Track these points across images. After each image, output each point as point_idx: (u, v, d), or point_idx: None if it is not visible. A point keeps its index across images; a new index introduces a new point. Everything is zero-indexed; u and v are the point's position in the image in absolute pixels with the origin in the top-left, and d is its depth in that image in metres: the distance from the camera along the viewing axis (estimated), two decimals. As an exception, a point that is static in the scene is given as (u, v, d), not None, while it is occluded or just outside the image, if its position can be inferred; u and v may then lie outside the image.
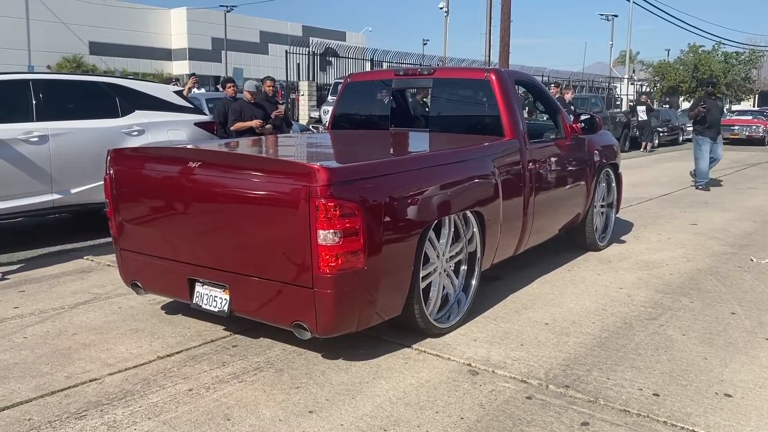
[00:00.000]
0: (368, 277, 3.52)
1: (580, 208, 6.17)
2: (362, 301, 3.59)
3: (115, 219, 4.34)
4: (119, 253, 4.41)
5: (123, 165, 4.27)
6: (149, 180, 4.12)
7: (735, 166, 15.82)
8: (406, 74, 6.25)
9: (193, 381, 3.46)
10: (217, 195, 3.76)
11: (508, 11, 19.68)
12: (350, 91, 6.32)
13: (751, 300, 4.97)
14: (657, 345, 4.03)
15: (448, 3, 39.21)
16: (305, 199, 3.33)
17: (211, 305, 3.90)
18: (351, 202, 3.37)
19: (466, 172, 4.41)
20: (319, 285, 3.40)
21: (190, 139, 7.74)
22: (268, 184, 3.54)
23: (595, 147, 6.33)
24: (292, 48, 22.52)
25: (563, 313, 4.61)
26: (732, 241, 7.06)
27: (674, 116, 26.46)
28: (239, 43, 55.89)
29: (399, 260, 3.73)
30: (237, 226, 3.68)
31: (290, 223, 3.42)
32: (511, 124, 5.13)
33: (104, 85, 7.38)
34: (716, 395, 3.36)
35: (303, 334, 3.57)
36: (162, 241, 4.11)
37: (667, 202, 9.86)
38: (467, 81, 5.82)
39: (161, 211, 4.09)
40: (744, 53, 47.75)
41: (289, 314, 3.58)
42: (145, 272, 4.28)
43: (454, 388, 3.41)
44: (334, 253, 3.33)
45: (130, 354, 3.83)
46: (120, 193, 4.26)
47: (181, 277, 4.01)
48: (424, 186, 3.95)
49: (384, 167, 3.93)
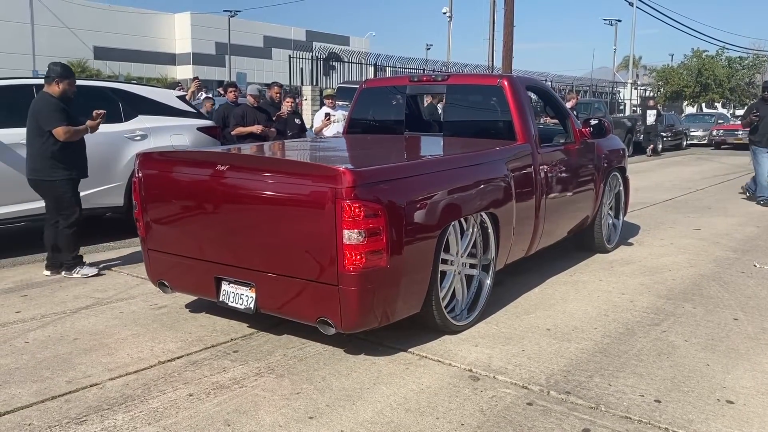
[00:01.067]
0: (390, 275, 3.66)
1: (589, 211, 6.28)
2: (384, 298, 3.73)
3: (143, 220, 4.46)
4: (147, 253, 4.53)
5: (151, 168, 4.41)
6: (177, 182, 4.28)
7: (739, 171, 15.76)
8: (421, 80, 6.38)
9: (194, 386, 3.46)
10: (244, 197, 3.90)
11: (512, 16, 19.71)
12: (365, 97, 6.46)
13: (753, 306, 4.95)
14: (659, 351, 4.02)
15: (451, 8, 39.26)
16: (331, 201, 3.47)
17: (237, 303, 4.03)
18: (375, 204, 3.52)
19: (481, 175, 4.56)
20: (344, 282, 3.54)
21: (192, 144, 7.77)
22: (295, 186, 3.68)
23: (603, 151, 6.45)
24: (295, 53, 22.54)
25: (565, 319, 4.60)
26: (735, 247, 7.04)
27: (678, 121, 26.43)
28: (243, 48, 56.04)
29: (419, 259, 3.87)
30: (264, 227, 3.82)
31: (316, 223, 3.56)
32: (523, 128, 5.27)
33: (107, 89, 7.42)
34: (718, 402, 3.34)
35: (328, 330, 3.71)
36: (189, 241, 4.24)
37: (670, 207, 9.83)
38: (480, 87, 6.00)
39: (189, 212, 4.23)
40: (748, 58, 47.70)
41: (314, 311, 3.72)
42: (172, 271, 4.41)
43: (455, 394, 3.40)
44: (359, 252, 3.48)
45: (131, 359, 3.84)
46: (148, 195, 4.39)
47: (208, 275, 4.14)
48: (442, 188, 4.10)
49: (405, 170, 4.10)
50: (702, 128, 26.78)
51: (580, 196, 6.05)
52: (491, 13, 28.39)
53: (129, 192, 7.20)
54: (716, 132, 25.27)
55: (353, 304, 3.60)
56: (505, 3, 19.87)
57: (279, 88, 9.48)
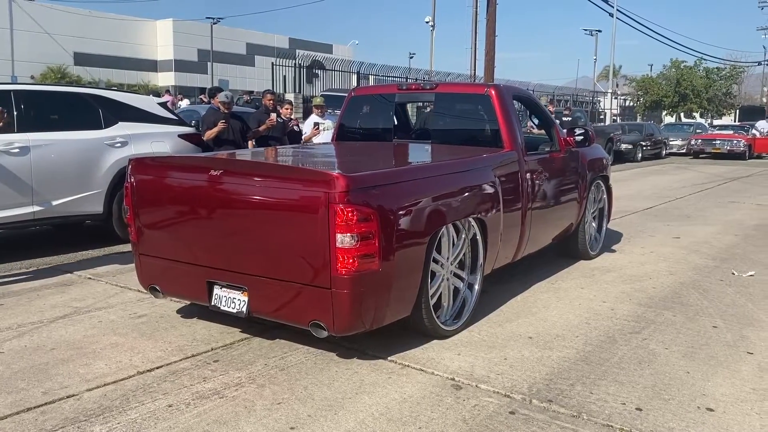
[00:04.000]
0: (382, 278, 3.71)
1: (573, 218, 6.38)
2: (376, 301, 3.78)
3: (134, 225, 4.47)
4: (138, 258, 4.53)
5: (144, 173, 4.42)
6: (170, 187, 4.31)
7: (717, 180, 16.00)
8: (409, 88, 6.44)
9: (173, 397, 3.41)
10: (237, 202, 3.95)
11: (493, 26, 19.87)
12: (354, 104, 6.54)
13: (732, 314, 5.00)
14: (640, 359, 4.04)
15: (434, 17, 39.49)
16: (325, 205, 3.53)
17: (229, 307, 4.04)
18: (367, 208, 3.58)
19: (470, 181, 4.64)
20: (337, 285, 3.59)
21: (173, 151, 7.70)
22: (288, 191, 3.74)
23: (587, 159, 6.56)
24: (278, 60, 22.51)
25: (547, 327, 4.61)
26: (714, 255, 7.11)
27: (657, 130, 26.76)
28: (225, 55, 55.84)
29: (410, 263, 3.93)
30: (257, 231, 3.86)
31: (309, 228, 3.61)
32: (510, 136, 5.37)
33: (87, 96, 7.33)
34: (698, 409, 3.36)
35: (320, 333, 3.75)
36: (182, 245, 4.26)
37: (650, 216, 9.93)
38: (468, 95, 6.10)
39: (182, 217, 4.26)
40: (725, 69, 48.55)
41: (306, 314, 3.76)
42: (163, 276, 4.42)
43: (437, 403, 3.38)
44: (351, 255, 3.54)
45: (110, 369, 3.77)
46: (140, 200, 4.41)
47: (200, 280, 4.15)
48: (433, 194, 4.18)
49: (397, 175, 4.21)
50: (681, 137, 27.13)
51: (564, 204, 6.13)
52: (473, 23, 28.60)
53: (109, 199, 7.13)
54: (695, 141, 25.63)
55: (345, 307, 3.64)
56: (487, 13, 20.03)
57: (272, 95, 9.47)
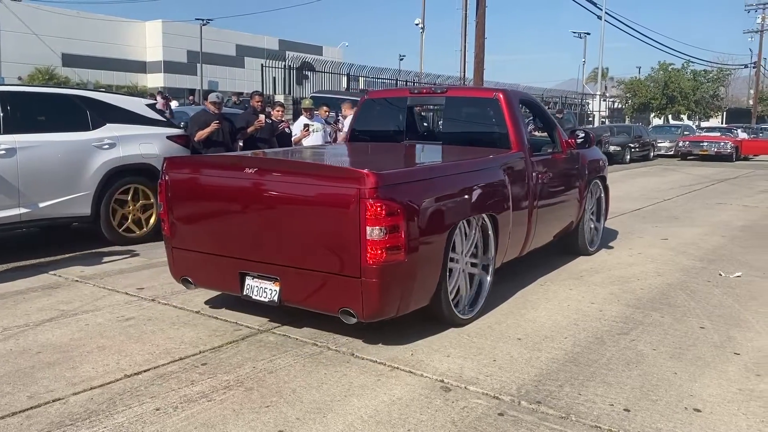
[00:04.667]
0: (407, 269, 3.98)
1: (574, 215, 6.70)
2: (402, 290, 4.05)
3: (168, 220, 4.71)
4: (171, 252, 4.79)
5: (178, 171, 4.69)
6: (204, 184, 4.61)
7: (705, 182, 16.12)
8: (421, 92, 6.86)
9: (161, 400, 3.39)
10: (271, 198, 4.21)
11: (483, 28, 19.91)
12: (368, 107, 6.89)
13: (719, 314, 5.03)
14: (628, 360, 4.05)
15: (423, 20, 39.56)
16: (356, 200, 3.80)
17: (261, 296, 4.30)
18: (394, 203, 3.85)
19: (484, 179, 4.95)
20: (366, 275, 3.85)
21: (162, 153, 7.66)
22: (321, 187, 4.03)
23: (586, 160, 6.91)
24: (268, 62, 22.46)
25: (536, 328, 4.62)
26: (701, 256, 7.16)
27: (645, 132, 26.92)
28: (215, 56, 55.69)
29: (431, 255, 4.20)
30: (290, 225, 4.11)
31: (341, 221, 3.88)
32: (517, 138, 5.68)
33: (74, 97, 7.28)
34: (686, 410, 3.38)
35: (349, 320, 4.01)
36: (215, 239, 4.51)
37: (638, 217, 9.99)
38: (477, 99, 6.47)
39: (215, 212, 4.53)
40: (712, 71, 48.92)
41: (337, 302, 4.03)
42: (196, 268, 4.67)
43: (426, 405, 3.38)
44: (380, 247, 3.81)
45: (96, 372, 3.74)
46: (174, 196, 4.66)
47: (232, 271, 4.41)
48: (451, 191, 4.51)
49: (420, 173, 4.55)
50: (669, 139, 27.32)
51: (566, 202, 6.47)
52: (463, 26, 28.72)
53: (97, 201, 7.08)
54: (682, 143, 25.83)
55: (374, 295, 3.90)
56: (476, 15, 20.08)
57: (260, 97, 9.41)
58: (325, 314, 4.79)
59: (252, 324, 4.59)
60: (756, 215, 10.51)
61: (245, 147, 8.70)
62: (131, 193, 7.42)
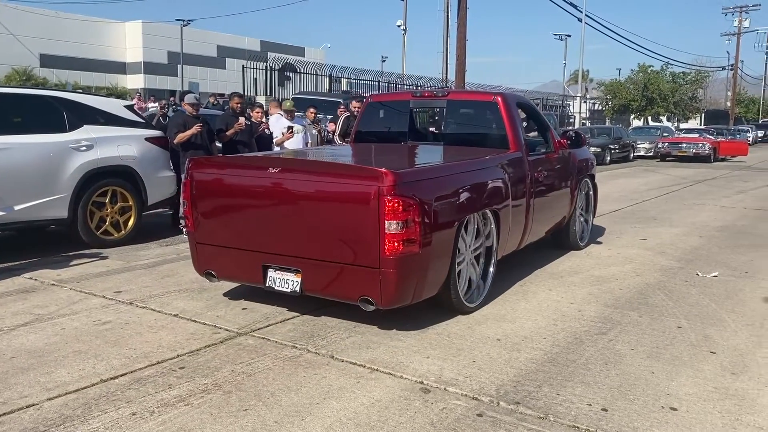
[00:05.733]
0: (421, 260, 4.28)
1: (566, 211, 7.08)
2: (416, 280, 4.36)
3: (192, 216, 4.98)
4: (195, 246, 5.05)
5: (203, 170, 4.97)
6: (229, 183, 4.85)
7: (683, 183, 16.31)
8: (423, 95, 7.22)
9: (137, 405, 3.35)
10: (294, 195, 4.47)
11: (464, 30, 20.00)
12: (371, 110, 7.18)
13: (696, 314, 5.09)
14: (606, 360, 4.08)
15: (405, 21, 39.63)
16: (375, 196, 4.10)
17: (283, 287, 4.57)
18: (411, 199, 4.15)
19: (487, 177, 5.29)
20: (384, 265, 4.15)
21: (140, 155, 7.59)
22: (343, 185, 4.31)
23: (576, 159, 7.28)
24: (249, 63, 22.36)
25: (515, 329, 4.64)
26: (679, 256, 7.24)
27: (625, 134, 27.17)
28: (196, 58, 55.28)
29: (442, 247, 4.50)
30: (312, 220, 4.38)
31: (361, 216, 4.17)
32: (515, 138, 6.04)
33: (51, 98, 7.19)
34: (662, 409, 3.41)
35: (368, 307, 4.31)
36: (239, 234, 4.76)
37: (617, 218, 10.07)
38: (477, 102, 6.81)
39: (239, 209, 4.77)
40: (690, 73, 49.51)
41: (356, 290, 4.30)
42: (219, 262, 4.92)
43: (405, 407, 3.38)
44: (397, 239, 4.10)
45: (72, 377, 3.69)
46: (199, 194, 4.92)
47: (256, 264, 4.67)
48: (460, 188, 4.81)
49: (432, 172, 4.87)
50: (648, 141, 27.60)
51: (559, 198, 6.82)
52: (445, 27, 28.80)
53: (74, 204, 6.99)
54: (662, 144, 26.10)
55: (392, 284, 4.19)
56: (458, 17, 20.15)
57: (240, 98, 9.28)
58: (305, 315, 4.80)
59: (231, 327, 4.56)
60: (733, 216, 10.65)
61: (224, 150, 8.60)
62: (109, 196, 7.34)
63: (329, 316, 4.81)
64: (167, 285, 5.69)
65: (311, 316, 4.81)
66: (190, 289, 5.54)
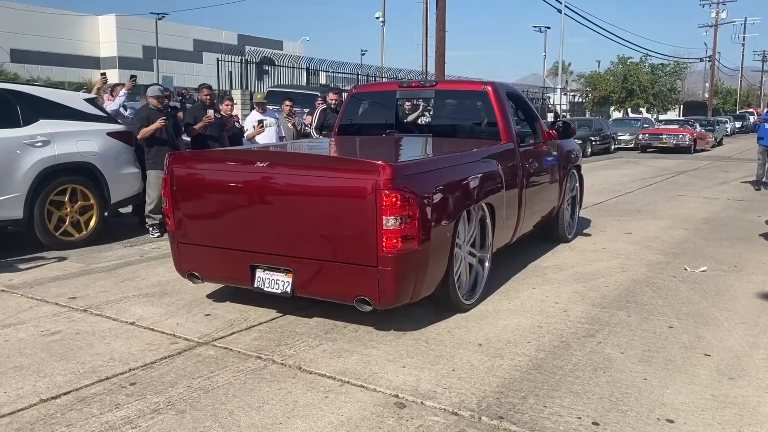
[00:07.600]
0: (420, 256, 4.07)
1: (555, 203, 6.94)
2: (415, 278, 4.13)
3: (173, 215, 4.65)
4: (176, 246, 4.73)
5: (183, 166, 4.63)
6: (212, 179, 4.53)
7: (665, 174, 16.16)
8: (410, 86, 6.89)
9: (78, 429, 2.99)
10: (284, 190, 4.21)
11: (443, 22, 19.66)
12: (355, 101, 6.85)
13: (687, 312, 4.83)
14: (595, 365, 3.80)
15: (384, 13, 39.21)
16: (372, 191, 3.85)
17: (273, 288, 4.30)
18: (409, 193, 3.93)
19: (482, 169, 5.06)
20: (382, 263, 3.91)
21: (101, 150, 7.18)
22: (337, 179, 4.03)
23: (564, 150, 7.12)
24: (224, 56, 21.82)
25: (497, 332, 4.34)
26: (666, 250, 7.00)
27: (606, 126, 27.06)
28: (172, 52, 54.31)
29: (440, 243, 4.29)
30: (304, 217, 4.12)
31: (358, 212, 3.93)
32: (507, 129, 5.84)
33: (3, 91, 6.74)
34: (658, 421, 3.13)
35: (364, 308, 4.06)
36: (224, 233, 4.47)
37: (601, 211, 9.83)
38: (467, 92, 6.54)
39: (224, 206, 4.47)
40: (669, 65, 49.71)
41: (352, 290, 4.05)
42: (204, 262, 4.62)
43: (377, 425, 3.06)
44: (396, 236, 3.88)
45: (8, 398, 3.32)
46: (180, 191, 4.59)
47: (242, 264, 4.38)
48: (457, 181, 4.62)
49: (429, 165, 4.64)
50: (629, 132, 27.53)
51: (549, 189, 6.68)
52: (424, 19, 28.47)
53: (30, 203, 6.57)
54: (642, 136, 26.03)
55: (390, 283, 3.95)
56: (436, 8, 19.82)
57: (208, 90, 8.84)
58: (273, 321, 4.47)
59: (191, 336, 4.21)
60: (717, 207, 10.47)
61: (193, 145, 8.18)
62: (68, 194, 6.92)
63: (300, 319, 4.48)
64: (126, 289, 5.31)
65: (280, 322, 4.47)
66: (150, 294, 5.17)
